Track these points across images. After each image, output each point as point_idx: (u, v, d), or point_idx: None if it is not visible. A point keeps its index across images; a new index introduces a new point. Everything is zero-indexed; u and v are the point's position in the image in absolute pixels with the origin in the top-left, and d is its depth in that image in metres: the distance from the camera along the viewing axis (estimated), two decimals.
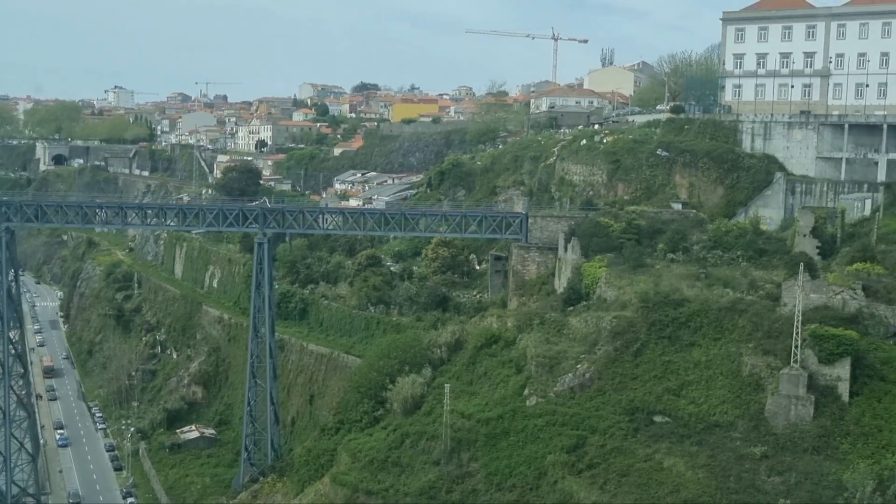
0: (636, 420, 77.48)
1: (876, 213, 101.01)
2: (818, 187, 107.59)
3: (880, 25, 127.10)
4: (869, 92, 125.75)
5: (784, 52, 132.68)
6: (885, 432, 68.96)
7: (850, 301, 77.62)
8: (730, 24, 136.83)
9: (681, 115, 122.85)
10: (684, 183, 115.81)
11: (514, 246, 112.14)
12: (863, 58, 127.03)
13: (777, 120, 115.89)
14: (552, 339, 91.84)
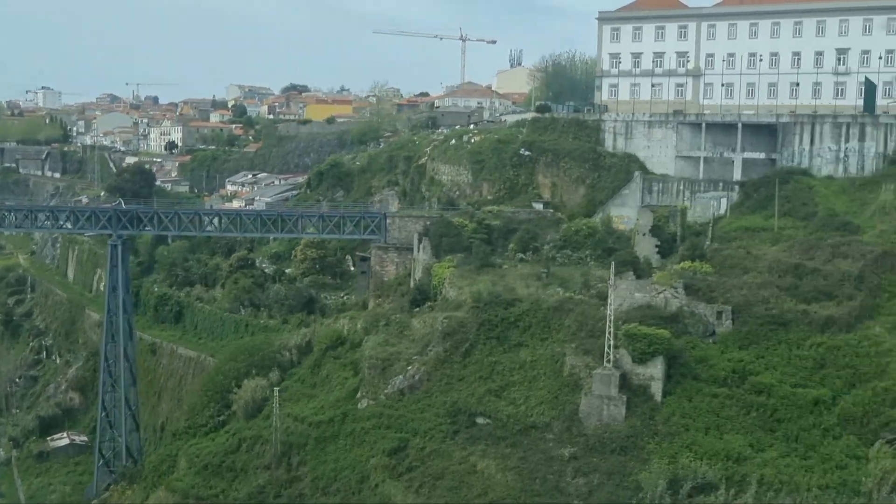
0: (458, 422, 76.25)
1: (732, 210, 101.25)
2: (675, 186, 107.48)
3: (748, 26, 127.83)
4: (737, 92, 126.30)
5: (658, 52, 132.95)
6: (692, 431, 68.38)
7: (671, 300, 77.14)
8: (605, 24, 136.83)
9: (546, 115, 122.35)
10: (547, 182, 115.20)
11: (372, 246, 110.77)
12: (731, 58, 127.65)
13: (638, 119, 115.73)
14: (392, 341, 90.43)
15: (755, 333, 74.49)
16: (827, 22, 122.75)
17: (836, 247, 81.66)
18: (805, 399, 68.85)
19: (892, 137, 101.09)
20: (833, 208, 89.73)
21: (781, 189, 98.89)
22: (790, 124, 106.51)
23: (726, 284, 78.15)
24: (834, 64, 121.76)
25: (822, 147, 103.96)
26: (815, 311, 75.25)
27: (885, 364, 70.39)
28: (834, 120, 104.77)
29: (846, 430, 66.98)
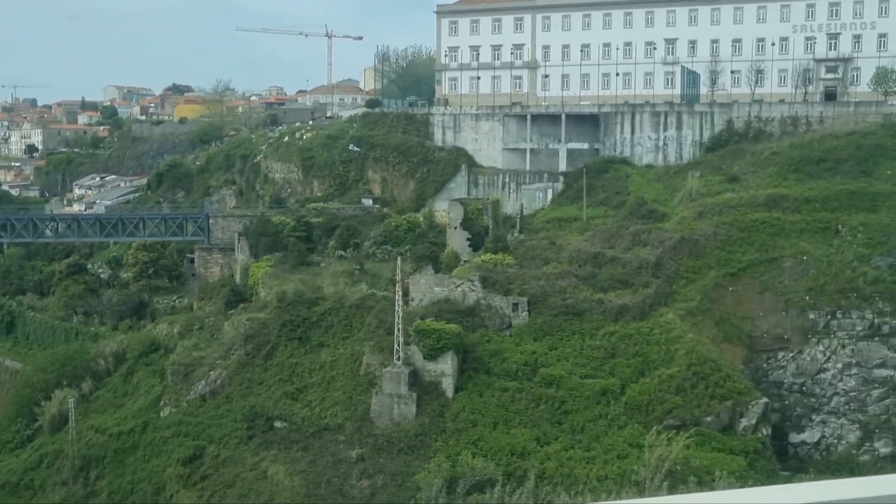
0: (255, 427, 74.17)
1: (554, 201, 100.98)
2: (500, 178, 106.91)
3: (581, 17, 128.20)
4: (573, 83, 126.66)
5: (495, 45, 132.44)
6: (479, 427, 67.46)
7: (469, 293, 76.13)
8: (444, 17, 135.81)
9: (376, 110, 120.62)
10: (377, 178, 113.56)
11: (196, 247, 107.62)
12: (567, 49, 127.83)
13: (466, 112, 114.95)
14: (201, 345, 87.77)
15: (550, 324, 73.96)
16: (655, 13, 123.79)
17: (636, 235, 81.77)
18: (593, 390, 68.54)
19: (707, 125, 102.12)
20: (643, 196, 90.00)
21: (599, 179, 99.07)
22: (611, 114, 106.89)
23: (525, 276, 77.48)
24: (663, 54, 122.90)
25: (643, 136, 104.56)
26: (611, 299, 75.08)
27: (674, 351, 70.48)
28: (652, 109, 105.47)
29: (632, 419, 66.83)
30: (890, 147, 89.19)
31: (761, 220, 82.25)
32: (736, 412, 67.82)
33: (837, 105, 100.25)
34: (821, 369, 75.81)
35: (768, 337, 76.71)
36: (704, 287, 77.56)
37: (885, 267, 77.60)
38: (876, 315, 75.27)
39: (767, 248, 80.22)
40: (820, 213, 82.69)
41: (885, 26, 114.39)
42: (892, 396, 74.11)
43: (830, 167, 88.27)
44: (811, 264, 78.47)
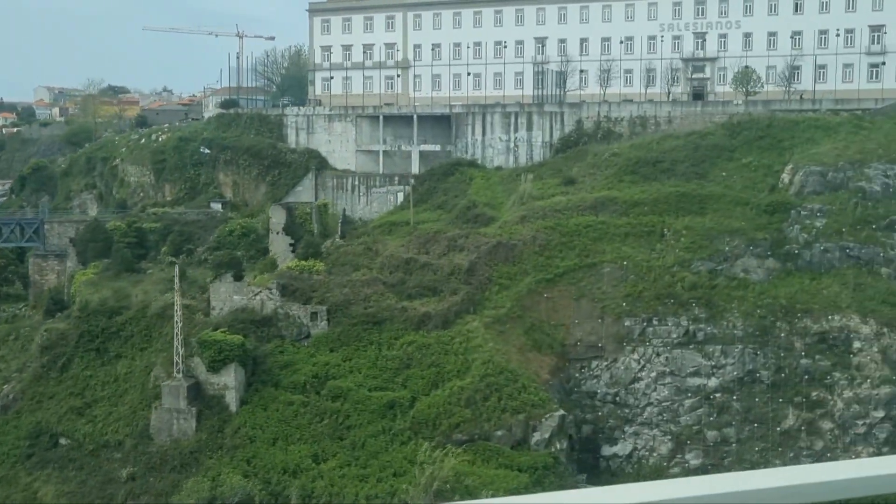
0: (38, 444, 70.11)
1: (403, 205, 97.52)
2: (349, 181, 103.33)
3: (451, 16, 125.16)
4: (445, 83, 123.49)
5: (367, 44, 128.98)
6: (257, 443, 63.96)
7: (267, 302, 72.53)
8: (316, 16, 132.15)
9: (231, 111, 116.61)
10: (228, 181, 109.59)
11: (31, 254, 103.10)
12: (438, 49, 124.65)
13: (319, 113, 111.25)
14: (8, 357, 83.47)
15: (348, 334, 70.59)
16: (525, 11, 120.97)
17: (453, 240, 78.55)
18: (379, 403, 65.24)
19: (557, 126, 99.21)
20: (476, 200, 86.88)
21: (444, 181, 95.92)
22: (463, 115, 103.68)
23: (330, 283, 74.00)
24: (534, 53, 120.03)
25: (494, 137, 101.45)
26: (415, 307, 71.82)
27: (471, 361, 67.39)
28: (503, 110, 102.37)
29: (418, 434, 63.56)
30: (727, 148, 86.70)
31: (585, 224, 79.39)
32: (529, 426, 64.93)
33: (685, 105, 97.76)
34: (635, 378, 73.04)
35: (582, 345, 73.85)
36: (518, 294, 74.53)
37: (705, 272, 75.00)
38: (691, 322, 72.64)
39: (588, 253, 77.34)
40: (647, 217, 79.99)
41: (750, 25, 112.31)
42: (705, 406, 71.48)
43: (666, 169, 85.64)
44: (631, 270, 75.70)
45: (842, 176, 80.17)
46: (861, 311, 71.26)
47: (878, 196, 78.18)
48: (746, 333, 71.68)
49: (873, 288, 72.97)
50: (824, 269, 75.27)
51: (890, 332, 70.32)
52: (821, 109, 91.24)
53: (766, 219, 77.84)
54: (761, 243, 76.20)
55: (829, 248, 75.55)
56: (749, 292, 73.45)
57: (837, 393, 69.87)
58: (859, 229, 75.85)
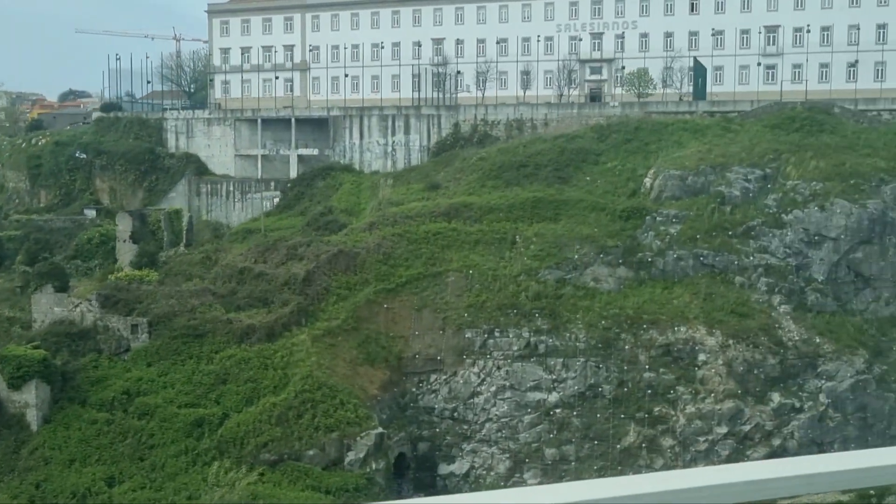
0: None
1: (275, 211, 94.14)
2: (224, 187, 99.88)
3: (349, 17, 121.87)
4: (342, 85, 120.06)
5: (266, 46, 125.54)
6: (52, 465, 60.33)
7: (87, 314, 68.89)
8: (215, 17, 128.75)
9: (111, 114, 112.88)
10: (105, 187, 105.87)
11: None
12: (336, 50, 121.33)
13: (198, 117, 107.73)
14: None
15: (168, 348, 66.98)
16: (423, 11, 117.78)
17: (293, 248, 75.03)
18: (186, 421, 61.63)
19: (434, 129, 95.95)
20: (332, 206, 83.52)
21: (313, 187, 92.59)
22: (340, 118, 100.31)
23: (158, 294, 70.36)
24: (431, 55, 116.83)
25: (372, 141, 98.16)
26: (240, 319, 68.29)
27: (291, 376, 63.86)
28: (381, 113, 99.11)
29: (225, 453, 60.01)
30: (594, 151, 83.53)
31: (435, 231, 76.03)
32: (344, 445, 61.44)
33: (561, 107, 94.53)
34: (474, 393, 69.62)
35: (420, 358, 70.35)
36: (355, 304, 71.03)
37: (552, 281, 71.71)
38: (533, 333, 69.27)
39: (435, 261, 73.97)
40: (501, 224, 76.71)
41: (646, 26, 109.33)
42: (544, 422, 68.11)
43: (530, 173, 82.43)
44: (476, 279, 72.35)
45: (702, 180, 77.07)
46: (709, 322, 68.11)
47: (738, 201, 75.06)
48: (589, 346, 68.38)
49: (724, 298, 69.84)
50: (677, 277, 72.13)
51: (736, 343, 67.21)
52: (696, 112, 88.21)
53: (621, 225, 74.69)
54: (612, 251, 73.00)
55: (683, 255, 72.39)
56: (595, 302, 70.23)
57: (680, 408, 66.66)
58: (714, 236, 72.76)
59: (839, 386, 67.10)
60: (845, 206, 72.23)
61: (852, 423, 67.25)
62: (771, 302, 70.20)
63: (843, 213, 72.11)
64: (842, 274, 72.45)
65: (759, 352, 67.15)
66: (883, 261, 73.04)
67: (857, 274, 72.75)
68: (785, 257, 72.05)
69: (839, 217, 72.05)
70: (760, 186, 75.68)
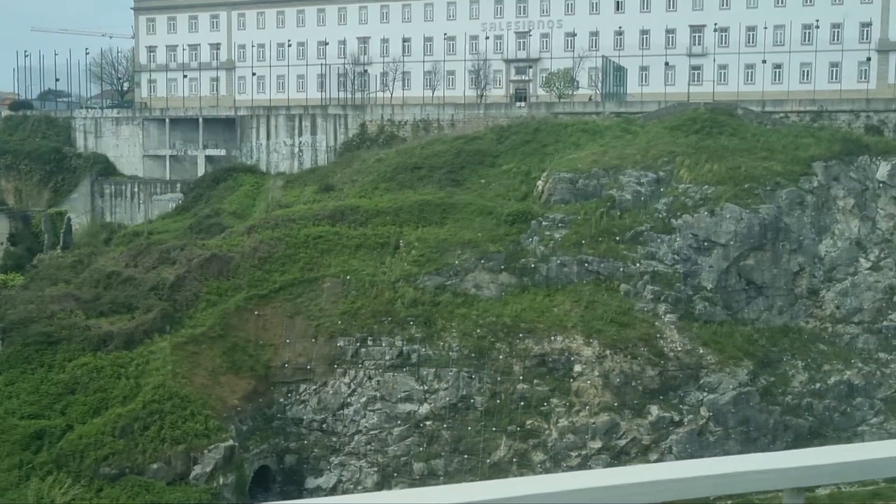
0: None
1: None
2: (129, 188, 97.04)
3: (275, 15, 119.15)
4: (268, 85, 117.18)
5: (192, 44, 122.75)
6: None
7: None
8: (142, 15, 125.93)
9: (19, 113, 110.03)
10: (10, 187, 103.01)
11: None
12: (262, 49, 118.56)
13: (107, 116, 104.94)
14: None
15: (20, 355, 64.07)
16: (348, 9, 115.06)
17: (167, 252, 72.24)
18: (25, 433, 58.73)
19: (341, 130, 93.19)
20: (220, 208, 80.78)
21: (213, 188, 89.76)
22: (248, 118, 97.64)
23: (17, 299, 67.59)
24: (355, 52, 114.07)
25: (279, 141, 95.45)
26: (101, 326, 65.45)
27: (143, 385, 61.02)
28: (288, 112, 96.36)
29: (63, 467, 57.13)
30: (491, 153, 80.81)
31: (316, 234, 73.27)
32: (191, 458, 58.62)
33: (468, 108, 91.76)
34: (344, 404, 66.76)
35: (290, 367, 67.47)
36: (224, 311, 68.17)
37: (431, 287, 68.90)
38: (406, 342, 66.45)
39: (313, 266, 71.19)
40: (386, 228, 73.91)
41: (572, 24, 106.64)
42: (414, 435, 65.27)
43: (424, 176, 79.75)
44: (353, 285, 69.55)
45: (594, 183, 74.32)
46: (587, 332, 65.29)
47: (629, 205, 72.32)
48: (462, 355, 65.57)
49: (606, 306, 67.04)
50: (561, 284, 69.33)
51: (613, 354, 64.41)
52: (604, 113, 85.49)
53: (506, 230, 71.90)
54: (495, 257, 70.21)
55: (567, 262, 69.59)
56: (473, 310, 67.44)
57: (553, 421, 63.84)
58: (601, 242, 69.97)
59: (721, 398, 64.37)
60: (735, 211, 69.52)
61: (734, 437, 64.53)
62: (656, 311, 67.44)
63: (733, 219, 69.40)
64: (732, 282, 69.73)
65: (638, 363, 64.40)
66: (776, 268, 70.38)
67: (748, 282, 70.04)
68: (673, 264, 69.32)
69: (729, 222, 69.34)
70: (653, 190, 72.95)
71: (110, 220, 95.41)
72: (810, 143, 75.56)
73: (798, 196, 72.42)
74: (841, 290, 71.31)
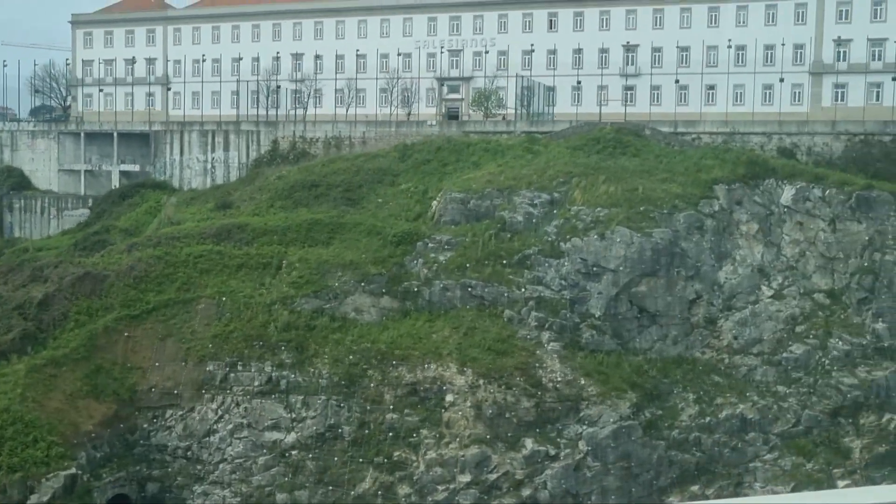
0: None
1: None
2: (38, 203, 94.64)
3: (210, 30, 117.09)
4: (202, 100, 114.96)
5: (129, 59, 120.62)
6: None
7: None
8: (79, 28, 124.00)
9: None
10: None
11: None
12: (197, 64, 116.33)
13: (23, 129, 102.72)
14: None
15: None
16: (283, 25, 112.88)
17: (39, 269, 69.67)
18: None
19: (254, 146, 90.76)
20: (111, 224, 78.33)
21: (119, 205, 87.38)
22: (161, 133, 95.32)
23: None
24: (290, 70, 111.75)
25: (192, 157, 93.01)
26: None
27: None
28: (201, 128, 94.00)
29: None
30: (391, 172, 78.18)
31: (198, 253, 70.58)
32: (27, 486, 55.82)
33: (380, 125, 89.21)
34: (210, 431, 63.89)
35: (157, 392, 64.70)
36: (91, 332, 65.45)
37: (308, 311, 66.09)
38: (276, 368, 63.64)
39: (190, 286, 68.48)
40: (273, 247, 71.23)
41: (504, 43, 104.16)
42: (280, 465, 62.31)
43: (321, 194, 77.13)
44: (228, 307, 66.82)
45: (487, 204, 71.58)
46: (461, 360, 62.34)
47: (520, 227, 69.51)
48: (332, 383, 62.72)
49: (486, 333, 64.08)
50: (444, 309, 66.46)
51: (487, 384, 61.44)
52: (515, 132, 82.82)
53: (391, 251, 69.11)
54: (376, 279, 67.43)
55: (450, 286, 66.73)
56: (348, 335, 64.61)
57: (422, 453, 60.83)
58: (487, 265, 67.11)
59: (601, 432, 61.23)
60: (626, 235, 66.58)
61: (613, 472, 61.35)
62: (539, 339, 64.46)
63: (623, 243, 66.44)
64: (623, 309, 66.68)
65: (514, 393, 61.40)
66: (670, 295, 67.34)
67: (641, 309, 66.96)
68: (560, 290, 66.38)
69: (619, 247, 66.40)
70: (546, 212, 70.15)
71: (19, 235, 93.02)
72: (714, 165, 72.64)
73: (697, 220, 69.47)
74: (740, 320, 68.18)
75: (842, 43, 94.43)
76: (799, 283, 70.60)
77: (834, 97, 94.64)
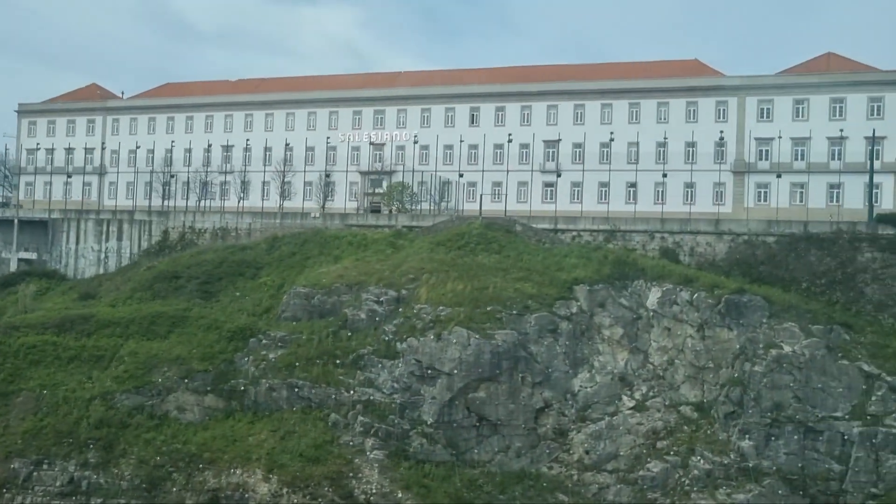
0: None
1: None
2: None
3: (147, 121, 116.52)
4: (136, 191, 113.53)
5: (69, 148, 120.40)
6: None
7: None
8: (24, 117, 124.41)
9: None
10: None
11: None
12: (133, 155, 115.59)
13: None
14: None
15: None
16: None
17: None
18: None
19: (146, 236, 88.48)
20: None
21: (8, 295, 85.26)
22: (59, 221, 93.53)
23: None
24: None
25: (87, 247, 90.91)
26: None
27: None
28: (97, 217, 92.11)
29: None
30: (255, 264, 75.14)
31: (32, 344, 67.66)
32: None
33: (266, 217, 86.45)
34: None
35: None
36: None
37: (127, 407, 62.39)
38: (79, 468, 59.67)
39: (14, 378, 65.32)
40: (112, 339, 68.05)
41: (426, 138, 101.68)
42: None
43: (180, 286, 74.18)
44: (47, 400, 63.39)
45: (334, 300, 67.85)
46: (269, 466, 57.91)
47: (361, 325, 65.58)
48: (133, 486, 58.56)
49: (303, 437, 59.70)
50: (269, 410, 62.34)
51: (291, 493, 56.85)
52: (396, 226, 79.44)
53: (222, 346, 65.47)
54: (201, 376, 63.62)
55: (276, 385, 62.66)
56: (160, 435, 60.63)
57: None
58: (317, 365, 63.06)
59: None
60: (463, 336, 62.14)
61: None
62: (363, 445, 59.83)
63: (459, 344, 62.00)
64: (459, 416, 61.88)
65: None
66: (513, 403, 62.39)
67: (480, 417, 62.04)
68: (391, 393, 61.93)
69: (455, 348, 61.95)
70: (391, 309, 66.15)
71: None
72: (578, 263, 68.27)
73: (551, 322, 64.87)
74: (594, 433, 62.88)
75: (763, 142, 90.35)
76: (665, 393, 65.31)
77: (757, 197, 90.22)
